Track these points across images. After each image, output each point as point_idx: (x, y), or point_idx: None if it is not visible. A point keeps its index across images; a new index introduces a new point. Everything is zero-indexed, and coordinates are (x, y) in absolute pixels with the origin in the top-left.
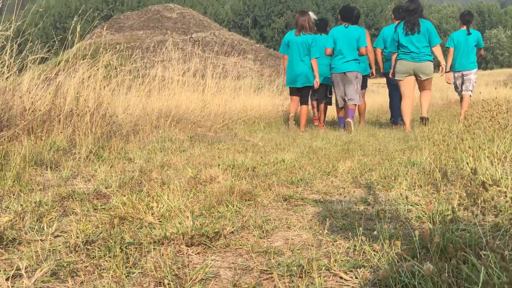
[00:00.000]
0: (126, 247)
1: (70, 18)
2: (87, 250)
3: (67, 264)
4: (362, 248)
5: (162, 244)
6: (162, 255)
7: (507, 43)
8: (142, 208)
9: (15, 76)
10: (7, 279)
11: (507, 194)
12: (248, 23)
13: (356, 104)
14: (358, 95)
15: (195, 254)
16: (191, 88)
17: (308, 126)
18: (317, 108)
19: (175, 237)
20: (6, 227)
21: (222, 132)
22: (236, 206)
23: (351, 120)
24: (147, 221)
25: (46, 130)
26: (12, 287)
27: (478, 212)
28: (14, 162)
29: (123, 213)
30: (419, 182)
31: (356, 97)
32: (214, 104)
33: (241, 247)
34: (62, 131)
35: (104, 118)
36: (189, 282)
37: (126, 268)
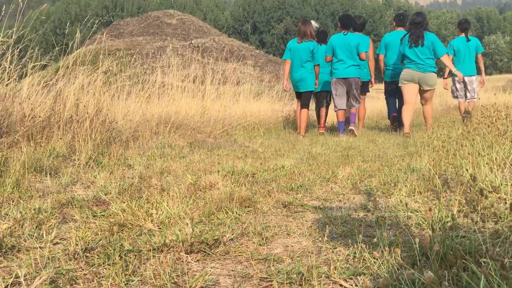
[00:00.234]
0: (125, 254)
1: (70, 24)
2: (86, 257)
3: (66, 272)
4: (362, 256)
5: (161, 251)
6: (162, 262)
7: (506, 48)
8: (141, 215)
9: (15, 82)
10: (6, 287)
11: (507, 201)
12: (247, 29)
13: (357, 108)
14: (357, 102)
15: (195, 262)
16: (191, 94)
17: (310, 131)
18: (316, 112)
19: (174, 244)
20: (5, 234)
21: (222, 138)
22: (236, 212)
23: (353, 128)
24: (146, 228)
25: (46, 137)
26: None
27: (478, 219)
28: (13, 168)
29: (122, 220)
30: (418, 189)
31: (354, 105)
32: (213, 110)
33: (240, 254)
34: (62, 137)
35: (103, 124)
36: None
37: (125, 276)
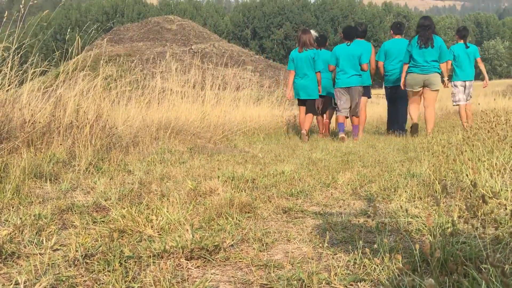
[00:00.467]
0: (125, 261)
1: (71, 30)
2: (86, 264)
3: (66, 279)
4: (362, 262)
5: (161, 257)
6: (162, 269)
7: (505, 54)
8: (141, 221)
9: (15, 88)
10: None
11: (507, 207)
12: (247, 34)
13: (358, 117)
14: (357, 109)
15: (195, 268)
16: (191, 100)
17: (312, 136)
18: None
19: (174, 250)
20: (5, 240)
21: (222, 143)
22: (236, 218)
23: (357, 138)
24: (146, 234)
25: (46, 142)
26: None
27: (478, 225)
28: (13, 174)
29: (122, 226)
30: (419, 194)
31: (356, 110)
32: (213, 115)
33: (241, 260)
34: (62, 143)
35: (103, 130)
36: None
37: (125, 283)
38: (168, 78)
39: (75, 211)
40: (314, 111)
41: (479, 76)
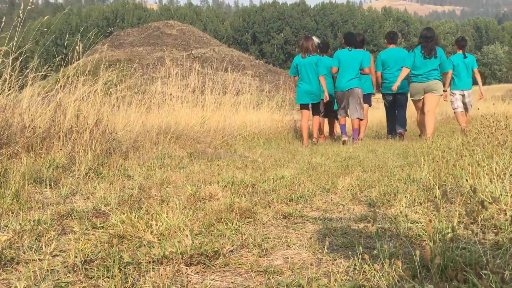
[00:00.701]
0: (124, 266)
1: (71, 35)
2: (85, 270)
3: (65, 285)
4: (362, 267)
5: (161, 263)
6: (161, 275)
7: (504, 58)
8: (141, 226)
9: (15, 93)
10: None
11: (507, 212)
12: (247, 39)
13: (360, 119)
14: (360, 110)
15: (194, 274)
16: (191, 104)
17: (312, 140)
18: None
19: (174, 256)
20: (4, 246)
21: (222, 148)
22: (236, 224)
23: (357, 142)
24: (146, 239)
25: (46, 147)
26: None
27: (478, 231)
28: (13, 180)
29: (122, 231)
30: (418, 199)
31: (358, 112)
32: (213, 120)
33: (240, 266)
34: (62, 148)
35: (103, 135)
36: None
37: None
38: (168, 83)
39: (74, 216)
40: (319, 113)
41: (477, 83)
